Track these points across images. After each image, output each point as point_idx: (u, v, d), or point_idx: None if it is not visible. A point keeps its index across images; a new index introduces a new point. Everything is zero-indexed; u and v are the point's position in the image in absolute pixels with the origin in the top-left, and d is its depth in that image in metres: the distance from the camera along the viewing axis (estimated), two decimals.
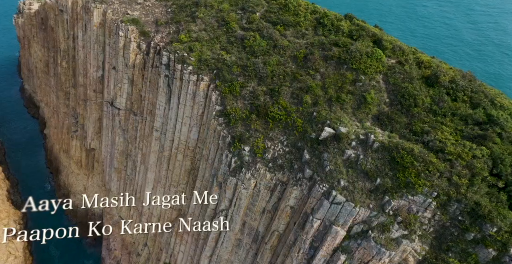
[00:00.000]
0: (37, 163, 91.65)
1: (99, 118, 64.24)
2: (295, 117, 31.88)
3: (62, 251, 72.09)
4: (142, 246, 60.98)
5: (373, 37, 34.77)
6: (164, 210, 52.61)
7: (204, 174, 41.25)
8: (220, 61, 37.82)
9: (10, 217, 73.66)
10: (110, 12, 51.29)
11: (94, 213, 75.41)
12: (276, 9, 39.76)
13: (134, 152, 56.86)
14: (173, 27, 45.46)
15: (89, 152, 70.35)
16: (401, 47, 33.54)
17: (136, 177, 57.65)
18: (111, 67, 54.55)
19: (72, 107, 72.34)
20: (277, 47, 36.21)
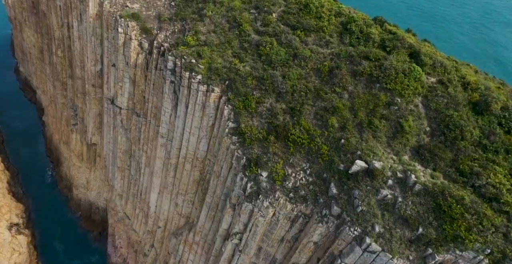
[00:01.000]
0: (37, 151, 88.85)
1: (99, 113, 60.71)
2: (319, 143, 28.46)
3: (67, 246, 70.84)
4: (149, 247, 59.30)
5: (410, 49, 30.61)
6: (172, 215, 50.28)
7: (215, 190, 38.36)
8: (233, 71, 33.87)
9: (12, 211, 71.78)
10: (108, 3, 46.46)
11: (98, 207, 73.50)
12: (296, 9, 35.18)
13: (138, 153, 53.79)
14: (178, 25, 40.96)
15: (90, 146, 67.35)
16: (442, 63, 29.48)
17: (141, 178, 54.94)
18: (110, 64, 50.36)
19: (70, 98, 68.52)
20: (297, 57, 32.11)
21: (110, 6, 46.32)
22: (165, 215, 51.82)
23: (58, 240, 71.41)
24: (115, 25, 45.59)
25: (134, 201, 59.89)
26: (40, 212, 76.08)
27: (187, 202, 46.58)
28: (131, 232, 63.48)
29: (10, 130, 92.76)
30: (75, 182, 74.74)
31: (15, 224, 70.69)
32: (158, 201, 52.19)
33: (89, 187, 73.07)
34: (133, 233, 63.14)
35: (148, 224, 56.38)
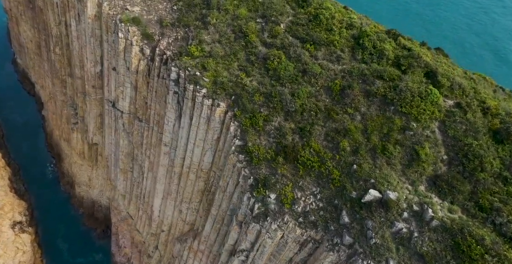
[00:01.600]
0: (38, 146, 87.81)
1: (100, 114, 59.44)
2: (330, 167, 27.50)
3: (70, 243, 70.84)
4: (153, 249, 59.21)
5: (426, 68, 29.19)
6: (176, 221, 49.83)
7: (220, 204, 37.65)
8: (239, 85, 32.58)
9: (14, 209, 71.44)
10: (107, 5, 44.57)
11: (101, 205, 73.17)
12: (305, 20, 33.49)
13: (140, 157, 52.92)
14: (180, 32, 39.28)
15: (91, 145, 66.38)
16: (460, 85, 28.12)
17: (144, 182, 54.27)
18: (110, 67, 48.85)
19: (70, 96, 67.12)
20: (307, 74, 30.74)
21: (110, 8, 44.45)
22: (169, 220, 51.40)
23: (61, 238, 71.40)
24: (115, 29, 43.90)
25: (137, 202, 59.43)
26: (42, 210, 75.77)
27: (192, 210, 46.04)
28: (135, 232, 63.33)
29: (9, 123, 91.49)
30: (77, 180, 74.14)
31: (18, 222, 70.45)
32: (161, 206, 51.68)
33: (91, 185, 72.54)
34: (136, 233, 62.99)
35: (152, 227, 56.05)
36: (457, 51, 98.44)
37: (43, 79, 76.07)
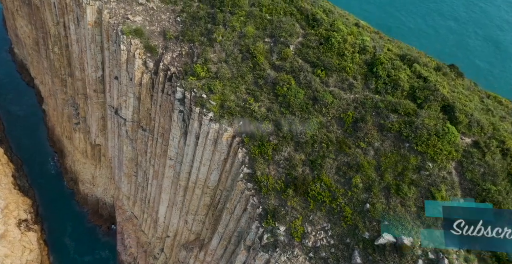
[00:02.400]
0: (40, 140, 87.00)
1: (102, 116, 58.52)
2: (342, 204, 27.06)
3: (76, 241, 71.38)
4: (159, 251, 59.77)
5: (443, 102, 28.16)
6: (182, 229, 49.97)
7: (227, 224, 37.47)
8: (247, 111, 31.67)
9: (19, 207, 71.74)
10: (107, 13, 42.83)
11: (105, 202, 73.33)
12: (315, 43, 32.09)
13: (145, 164, 52.48)
14: (185, 47, 37.84)
15: (94, 146, 65.82)
16: (479, 122, 27.20)
17: (149, 188, 54.08)
18: (112, 75, 47.61)
19: (71, 96, 66.01)
20: (318, 102, 29.75)
21: (110, 17, 42.77)
22: (174, 227, 51.55)
23: (67, 235, 71.93)
24: (117, 40, 42.40)
25: (142, 205, 59.52)
26: (47, 206, 76.07)
27: (198, 222, 46.02)
28: (140, 232, 63.78)
29: (10, 116, 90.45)
30: (80, 177, 74.05)
31: (23, 220, 70.87)
32: (166, 213, 51.70)
33: (95, 183, 72.50)
34: (142, 234, 63.45)
35: (157, 231, 56.36)
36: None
37: (42, 75, 74.56)
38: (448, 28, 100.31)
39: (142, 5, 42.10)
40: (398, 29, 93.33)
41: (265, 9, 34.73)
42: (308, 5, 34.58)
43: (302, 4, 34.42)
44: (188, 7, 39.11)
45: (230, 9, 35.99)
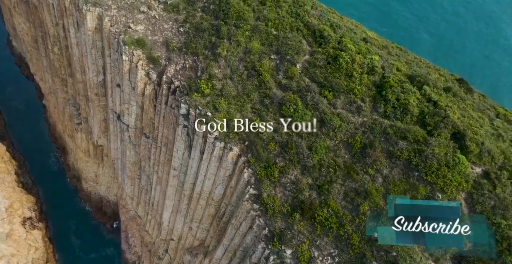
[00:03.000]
0: (41, 134, 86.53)
1: (104, 119, 58.06)
2: (349, 231, 27.09)
3: (81, 238, 72.14)
4: (163, 251, 60.44)
5: (453, 129, 27.74)
6: (186, 235, 50.35)
7: (233, 238, 37.66)
8: (253, 132, 31.25)
9: (23, 205, 72.16)
10: (108, 20, 41.82)
11: (109, 200, 73.71)
12: (323, 62, 31.38)
13: (148, 169, 52.41)
14: (189, 60, 37.10)
15: (97, 146, 65.59)
16: (490, 151, 26.86)
17: (153, 192, 54.17)
18: (114, 83, 46.93)
19: (71, 95, 65.33)
20: (325, 125, 29.36)
21: (111, 25, 41.78)
22: (178, 231, 51.93)
23: (72, 232, 72.65)
24: (118, 49, 41.56)
25: (146, 207, 59.77)
26: (51, 203, 76.51)
27: (202, 230, 46.29)
28: (144, 232, 64.33)
29: (10, 111, 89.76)
30: (83, 175, 74.17)
31: (28, 218, 71.42)
32: (171, 218, 51.98)
33: (98, 181, 72.67)
34: (146, 234, 64.00)
35: (161, 234, 56.82)
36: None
37: (42, 73, 73.50)
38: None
39: (144, 13, 41.06)
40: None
41: (271, 23, 33.83)
42: (315, 20, 33.67)
43: (309, 19, 33.49)
44: (192, 17, 38.12)
45: (235, 22, 35.07)
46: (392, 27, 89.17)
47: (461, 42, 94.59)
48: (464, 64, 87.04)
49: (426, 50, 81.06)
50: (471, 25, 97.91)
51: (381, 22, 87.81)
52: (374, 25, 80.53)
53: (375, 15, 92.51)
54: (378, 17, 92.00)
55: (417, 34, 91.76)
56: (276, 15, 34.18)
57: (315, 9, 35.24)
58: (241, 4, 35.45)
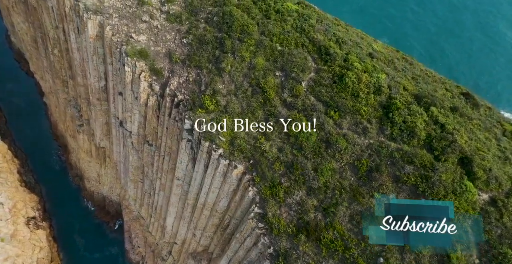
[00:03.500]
0: (42, 132, 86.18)
1: (106, 122, 57.81)
2: (355, 254, 27.22)
3: (85, 237, 72.62)
4: (167, 253, 61.01)
5: (461, 154, 27.57)
6: (189, 241, 50.74)
7: (237, 250, 37.89)
8: (258, 150, 31.20)
9: (27, 204, 72.48)
10: (109, 29, 41.18)
11: (112, 200, 73.99)
12: (328, 81, 30.98)
13: (151, 175, 52.43)
14: (192, 73, 36.66)
15: (99, 147, 65.49)
16: (497, 178, 26.75)
17: (156, 197, 54.34)
18: (116, 90, 46.54)
19: (73, 97, 64.89)
20: (331, 146, 29.19)
21: (113, 34, 41.14)
22: (182, 236, 52.30)
23: (76, 231, 73.18)
24: (120, 58, 41.03)
25: (149, 210, 60.06)
26: (54, 202, 76.79)
27: (206, 237, 46.60)
28: (147, 233, 64.79)
29: (11, 108, 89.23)
30: (85, 175, 74.30)
31: (32, 217, 71.84)
32: (174, 223, 52.28)
33: (100, 181, 72.84)
34: (149, 234, 64.47)
35: (165, 237, 57.27)
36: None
37: (42, 72, 72.84)
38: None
39: (146, 22, 40.37)
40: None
41: (276, 38, 33.27)
42: (320, 36, 33.10)
43: (314, 35, 32.92)
44: (195, 29, 37.50)
45: (239, 36, 34.51)
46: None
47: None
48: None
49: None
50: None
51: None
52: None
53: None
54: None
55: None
56: (281, 29, 33.60)
57: (320, 22, 34.62)
58: (245, 17, 34.81)
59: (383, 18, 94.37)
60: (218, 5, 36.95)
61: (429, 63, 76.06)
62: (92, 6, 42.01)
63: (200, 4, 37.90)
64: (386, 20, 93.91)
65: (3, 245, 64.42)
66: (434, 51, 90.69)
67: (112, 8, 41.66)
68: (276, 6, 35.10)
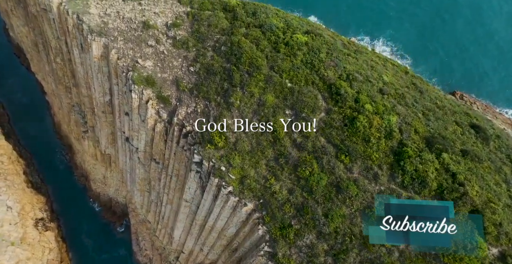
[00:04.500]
0: (46, 130, 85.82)
1: (112, 132, 57.72)
2: None
3: (93, 238, 73.92)
4: (174, 258, 62.40)
5: (472, 206, 27.74)
6: (197, 253, 51.78)
7: None
8: (268, 191, 31.39)
9: (34, 206, 73.44)
10: (115, 53, 40.46)
11: (118, 201, 74.86)
12: (339, 123, 30.72)
13: (158, 188, 52.86)
14: (200, 104, 36.31)
15: (104, 153, 65.63)
16: (507, 234, 27.01)
17: (163, 208, 54.99)
18: (122, 110, 46.20)
19: (76, 103, 64.40)
20: (341, 191, 29.36)
21: (118, 58, 40.47)
22: (189, 248, 53.32)
23: (83, 232, 74.42)
24: (127, 84, 40.53)
25: (156, 218, 60.92)
26: (61, 202, 77.62)
27: (214, 254, 47.56)
28: (154, 237, 66.00)
29: (13, 105, 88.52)
30: (91, 176, 74.81)
31: (40, 219, 72.91)
32: (181, 236, 53.15)
33: (106, 183, 73.41)
34: (156, 238, 65.70)
35: (172, 245, 58.39)
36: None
37: (44, 75, 71.92)
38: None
39: (152, 47, 39.61)
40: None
41: (285, 75, 32.75)
42: (331, 72, 32.53)
43: (325, 72, 32.37)
44: (202, 57, 36.86)
45: (248, 69, 33.96)
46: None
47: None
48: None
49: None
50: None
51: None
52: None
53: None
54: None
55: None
56: (291, 65, 33.00)
57: (330, 55, 33.95)
58: (254, 50, 34.14)
59: (379, 15, 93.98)
60: (226, 34, 36.13)
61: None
62: (96, 28, 41.12)
63: (207, 31, 37.04)
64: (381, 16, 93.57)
65: (13, 249, 65.82)
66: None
67: (116, 31, 40.78)
68: (286, 38, 34.35)
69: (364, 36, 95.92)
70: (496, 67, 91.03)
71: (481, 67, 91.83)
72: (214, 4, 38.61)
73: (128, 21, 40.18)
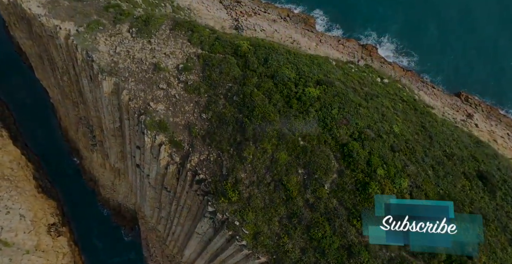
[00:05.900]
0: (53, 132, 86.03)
1: (121, 150, 58.34)
2: None
3: (104, 241, 76.26)
4: None
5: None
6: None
7: None
8: (281, 249, 32.62)
9: (46, 212, 75.18)
10: (126, 94, 40.55)
11: (127, 207, 76.54)
12: (351, 187, 31.40)
13: (168, 210, 54.11)
14: (213, 153, 36.86)
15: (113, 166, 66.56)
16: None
17: (173, 228, 56.53)
18: (133, 144, 46.65)
19: (84, 116, 64.66)
20: (353, 256, 30.55)
21: (130, 99, 40.63)
22: None
23: (94, 236, 76.64)
24: (139, 125, 40.85)
25: (166, 230, 62.67)
26: (71, 205, 79.26)
27: None
28: (164, 246, 68.18)
29: (17, 105, 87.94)
30: (100, 182, 76.09)
31: (52, 224, 74.93)
32: (192, 255, 55.02)
33: (115, 190, 74.85)
34: (166, 247, 67.89)
35: (182, 260, 60.47)
36: None
37: (49, 83, 71.26)
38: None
39: (163, 90, 39.65)
40: None
41: (298, 133, 33.12)
42: (343, 131, 32.86)
43: (337, 132, 32.72)
44: (214, 105, 37.05)
45: (260, 123, 34.27)
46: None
47: None
48: None
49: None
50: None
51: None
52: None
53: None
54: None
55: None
56: (304, 123, 33.28)
57: (342, 110, 34.14)
58: (266, 103, 34.30)
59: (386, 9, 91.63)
60: (238, 83, 36.14)
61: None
62: (107, 67, 40.99)
63: (219, 78, 37.00)
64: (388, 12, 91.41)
65: (29, 256, 68.21)
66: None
67: (127, 71, 40.64)
68: (298, 92, 34.39)
69: (371, 32, 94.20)
70: (504, 68, 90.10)
71: (488, 68, 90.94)
72: (225, 47, 38.24)
73: (139, 62, 39.94)
